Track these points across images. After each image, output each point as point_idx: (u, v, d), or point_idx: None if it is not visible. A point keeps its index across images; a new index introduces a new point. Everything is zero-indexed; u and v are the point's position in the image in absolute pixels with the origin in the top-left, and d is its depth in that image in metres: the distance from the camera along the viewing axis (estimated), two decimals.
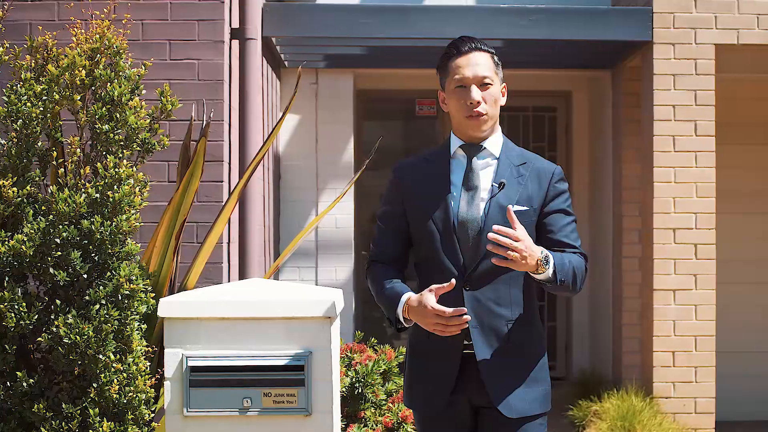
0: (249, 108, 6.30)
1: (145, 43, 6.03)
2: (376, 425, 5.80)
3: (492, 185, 3.78)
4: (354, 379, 5.86)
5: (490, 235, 3.51)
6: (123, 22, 4.71)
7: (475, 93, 3.76)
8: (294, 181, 9.12)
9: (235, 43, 6.32)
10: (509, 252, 3.50)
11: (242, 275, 6.22)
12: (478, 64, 3.80)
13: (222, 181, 6.06)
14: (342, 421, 5.74)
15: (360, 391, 5.83)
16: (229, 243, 6.20)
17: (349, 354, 6.06)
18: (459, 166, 3.83)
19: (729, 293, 8.99)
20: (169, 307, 3.86)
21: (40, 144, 4.25)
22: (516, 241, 3.50)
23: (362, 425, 5.79)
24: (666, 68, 7.75)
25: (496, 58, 3.87)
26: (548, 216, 3.80)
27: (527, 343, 3.79)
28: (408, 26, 7.77)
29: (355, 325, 9.08)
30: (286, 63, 9.01)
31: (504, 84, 3.88)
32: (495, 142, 3.85)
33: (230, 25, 6.26)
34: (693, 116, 7.74)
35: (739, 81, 8.96)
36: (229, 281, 6.18)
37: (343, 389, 5.83)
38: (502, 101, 3.86)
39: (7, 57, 4.24)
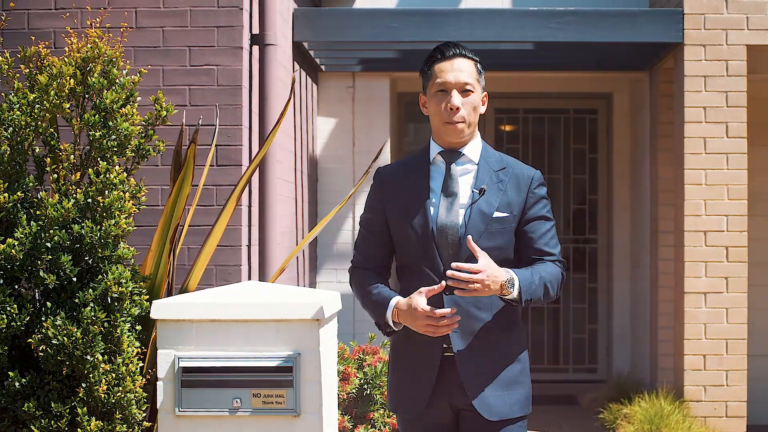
0: (268, 113, 6.38)
1: (166, 49, 6.15)
2: (384, 426, 5.84)
3: (472, 191, 3.80)
4: (363, 381, 5.90)
5: (449, 272, 3.60)
6: (121, 30, 4.81)
7: (456, 98, 3.78)
8: (331, 184, 9.19)
9: (256, 48, 6.42)
10: (470, 285, 3.58)
11: (262, 277, 6.30)
12: (461, 70, 3.82)
13: None
14: (350, 422, 5.80)
15: (368, 392, 5.87)
16: (249, 245, 6.28)
17: (361, 355, 6.11)
18: (438, 172, 3.86)
19: (760, 296, 8.90)
20: (161, 309, 3.96)
21: (38, 150, 4.39)
22: (476, 273, 3.58)
23: (370, 426, 5.84)
24: (697, 70, 7.70)
25: (479, 66, 3.89)
26: (528, 223, 3.83)
27: (508, 346, 3.82)
28: (438, 30, 7.80)
29: None
30: (323, 67, 9.09)
31: (485, 93, 3.91)
32: (474, 147, 3.87)
33: (250, 31, 6.36)
34: (724, 118, 7.69)
35: None
36: None
37: (353, 390, 5.89)
38: (482, 109, 3.88)
39: (6, 66, 4.37)
